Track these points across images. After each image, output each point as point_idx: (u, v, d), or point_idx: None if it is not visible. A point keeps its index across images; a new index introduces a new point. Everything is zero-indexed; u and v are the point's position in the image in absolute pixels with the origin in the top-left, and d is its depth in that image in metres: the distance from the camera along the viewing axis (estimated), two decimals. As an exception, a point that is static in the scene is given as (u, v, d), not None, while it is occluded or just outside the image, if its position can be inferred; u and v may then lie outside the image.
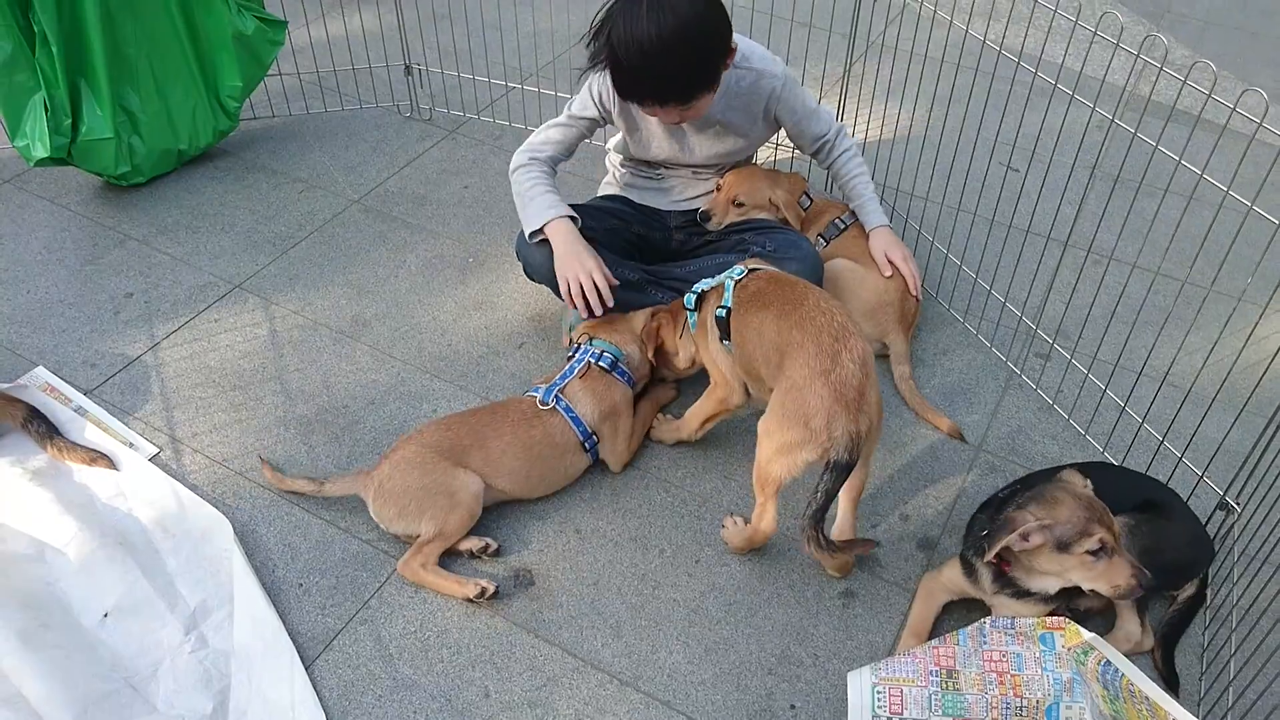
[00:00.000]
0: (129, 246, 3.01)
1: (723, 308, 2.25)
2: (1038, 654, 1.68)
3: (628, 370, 2.43)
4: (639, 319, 2.48)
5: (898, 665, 1.73)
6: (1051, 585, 1.90)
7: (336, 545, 2.24)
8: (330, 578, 2.17)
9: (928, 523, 2.35)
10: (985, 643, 1.72)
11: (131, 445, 2.40)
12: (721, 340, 2.26)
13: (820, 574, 2.22)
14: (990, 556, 1.83)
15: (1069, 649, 1.65)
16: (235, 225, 3.10)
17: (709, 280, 2.35)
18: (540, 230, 2.45)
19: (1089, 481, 1.94)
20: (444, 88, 3.69)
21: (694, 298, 2.35)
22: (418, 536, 2.16)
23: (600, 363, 2.39)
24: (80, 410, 2.48)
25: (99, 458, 2.33)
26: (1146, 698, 1.54)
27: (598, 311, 2.42)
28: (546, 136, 2.58)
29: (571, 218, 2.46)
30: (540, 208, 2.46)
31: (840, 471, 1.93)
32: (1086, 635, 1.64)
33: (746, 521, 2.23)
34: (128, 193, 3.19)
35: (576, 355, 2.43)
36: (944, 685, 1.69)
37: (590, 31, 2.28)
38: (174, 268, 2.94)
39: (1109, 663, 1.60)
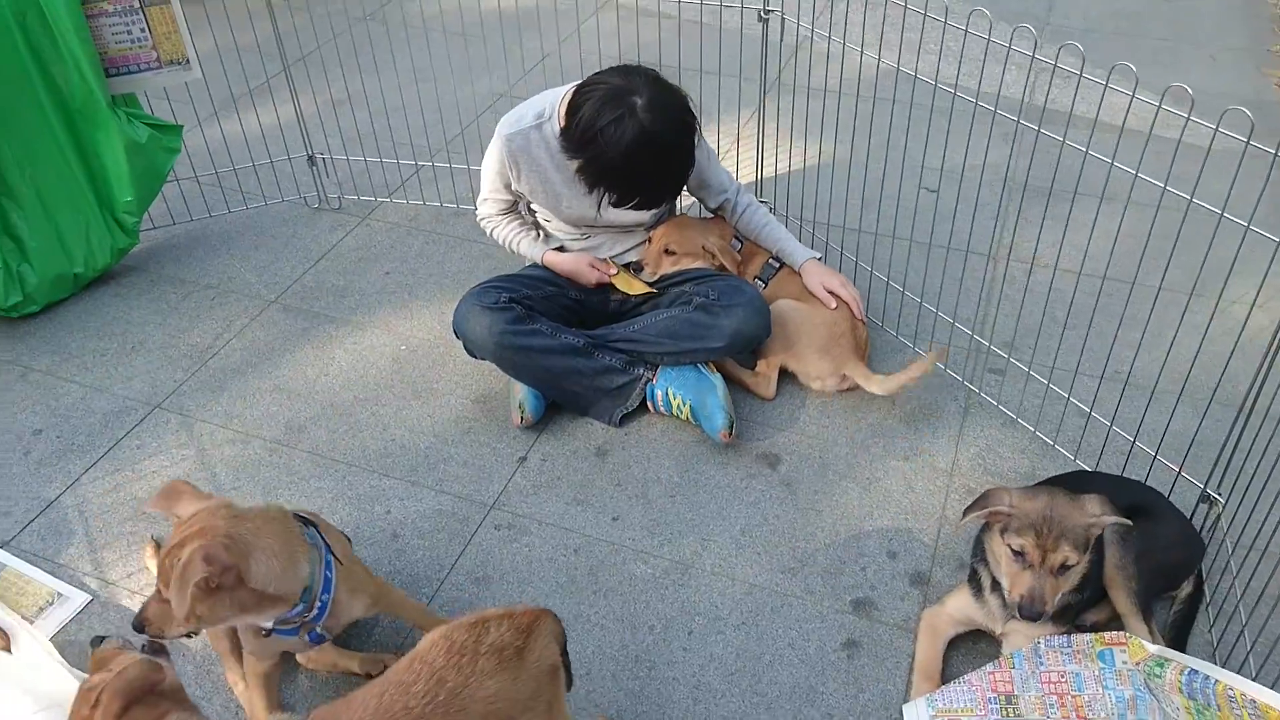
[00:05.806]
0: (32, 379, 2.80)
1: None
2: (1097, 672, 1.61)
3: None
4: None
5: (954, 695, 1.65)
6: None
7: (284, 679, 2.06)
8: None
9: (916, 557, 2.28)
10: (1042, 664, 1.65)
11: (58, 597, 2.19)
12: None
13: (818, 628, 2.13)
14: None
15: (1136, 664, 1.59)
16: (146, 343, 2.92)
17: None
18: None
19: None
20: (351, 174, 3.57)
21: None
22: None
23: None
24: (-4, 565, 2.25)
25: None
26: (1252, 700, 1.46)
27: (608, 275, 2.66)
28: (489, 208, 2.73)
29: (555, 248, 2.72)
30: (527, 247, 2.72)
31: None
32: (1152, 649, 1.59)
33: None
34: (23, 322, 2.97)
35: None
36: (1004, 712, 1.61)
37: (577, 135, 2.30)
38: (85, 396, 2.74)
39: (1195, 671, 1.52)
